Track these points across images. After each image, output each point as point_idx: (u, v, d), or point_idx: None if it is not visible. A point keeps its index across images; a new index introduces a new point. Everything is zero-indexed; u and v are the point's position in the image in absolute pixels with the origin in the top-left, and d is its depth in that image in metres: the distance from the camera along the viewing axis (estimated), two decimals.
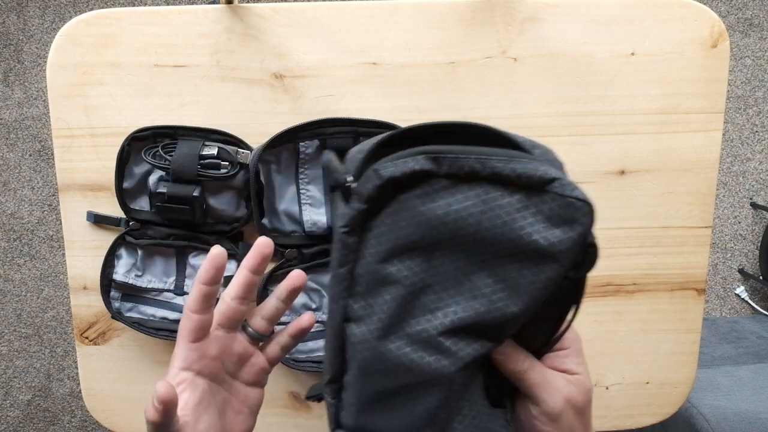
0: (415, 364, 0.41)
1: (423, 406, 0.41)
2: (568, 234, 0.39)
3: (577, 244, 0.39)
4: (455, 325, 0.40)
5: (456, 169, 0.39)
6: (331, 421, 0.45)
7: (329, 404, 0.45)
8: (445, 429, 0.42)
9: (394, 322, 0.41)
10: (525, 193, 0.39)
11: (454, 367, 0.40)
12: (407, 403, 0.42)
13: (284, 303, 0.45)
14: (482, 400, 0.43)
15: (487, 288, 0.40)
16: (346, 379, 0.43)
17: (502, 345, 0.42)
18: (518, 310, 0.39)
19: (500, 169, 0.39)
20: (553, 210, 0.39)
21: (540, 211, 0.39)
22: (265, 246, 0.42)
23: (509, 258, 0.39)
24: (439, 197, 0.40)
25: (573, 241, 0.39)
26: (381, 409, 0.43)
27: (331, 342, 0.43)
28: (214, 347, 0.43)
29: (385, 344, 0.41)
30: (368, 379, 0.42)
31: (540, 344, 0.44)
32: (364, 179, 0.40)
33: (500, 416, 0.43)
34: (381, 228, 0.40)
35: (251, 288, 0.43)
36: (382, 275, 0.41)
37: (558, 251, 0.39)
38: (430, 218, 0.40)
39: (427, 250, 0.40)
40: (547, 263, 0.39)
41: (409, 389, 0.41)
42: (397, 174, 0.39)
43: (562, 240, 0.39)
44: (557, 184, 0.39)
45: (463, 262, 0.40)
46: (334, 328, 0.43)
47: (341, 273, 0.42)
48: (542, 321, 0.43)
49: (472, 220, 0.39)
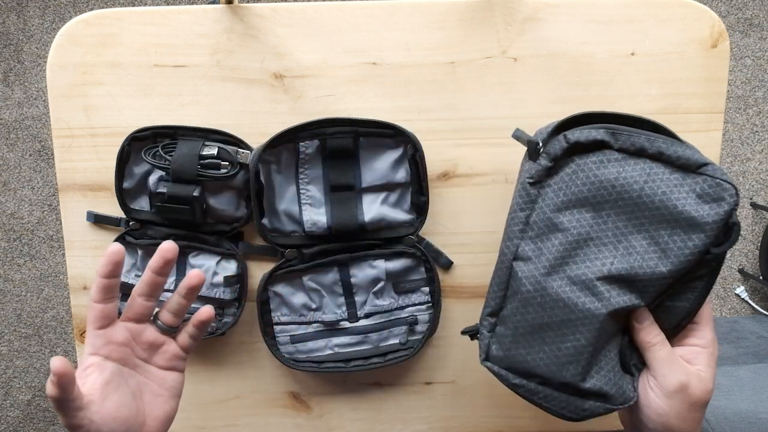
0: (572, 302, 0.48)
1: (571, 343, 0.49)
2: (716, 210, 0.47)
3: (723, 219, 0.47)
4: (611, 273, 0.48)
5: (628, 145, 0.49)
6: (482, 353, 0.52)
7: (483, 337, 0.52)
8: (586, 371, 0.49)
9: (558, 264, 0.49)
10: (682, 173, 0.48)
11: (605, 309, 0.48)
12: (557, 339, 0.49)
13: (185, 299, 0.49)
14: (617, 360, 0.51)
15: (642, 247, 0.48)
16: (504, 313, 0.51)
17: (642, 318, 0.49)
18: (666, 270, 0.47)
19: (664, 149, 0.48)
20: (704, 189, 0.47)
21: (693, 189, 0.47)
22: (167, 251, 0.47)
23: (663, 224, 0.48)
24: (611, 165, 0.49)
25: (720, 216, 0.47)
26: (532, 342, 0.49)
27: (497, 276, 0.52)
28: (121, 334, 0.47)
29: (549, 281, 0.49)
30: (527, 311, 0.50)
31: (675, 323, 0.50)
32: (553, 142, 0.50)
33: (629, 381, 0.51)
34: (560, 184, 0.50)
35: (156, 287, 0.48)
36: (554, 223, 0.50)
37: (706, 223, 0.47)
38: (602, 180, 0.49)
39: (596, 208, 0.49)
40: (695, 232, 0.47)
41: (561, 325, 0.49)
42: (582, 140, 0.49)
43: (710, 214, 0.47)
44: (710, 168, 0.47)
45: (624, 223, 0.49)
46: (503, 263, 0.52)
47: (519, 216, 0.51)
48: (682, 297, 0.49)
49: (637, 187, 0.48)
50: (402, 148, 0.63)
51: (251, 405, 0.71)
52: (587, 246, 0.49)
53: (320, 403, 0.72)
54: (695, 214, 0.47)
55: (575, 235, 0.49)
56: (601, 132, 0.49)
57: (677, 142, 0.48)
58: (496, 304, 0.52)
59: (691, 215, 0.47)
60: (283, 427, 0.72)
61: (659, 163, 0.48)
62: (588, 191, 0.49)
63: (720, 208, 0.47)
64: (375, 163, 0.63)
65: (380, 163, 0.63)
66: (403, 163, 0.63)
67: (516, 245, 0.51)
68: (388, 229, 0.65)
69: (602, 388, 0.49)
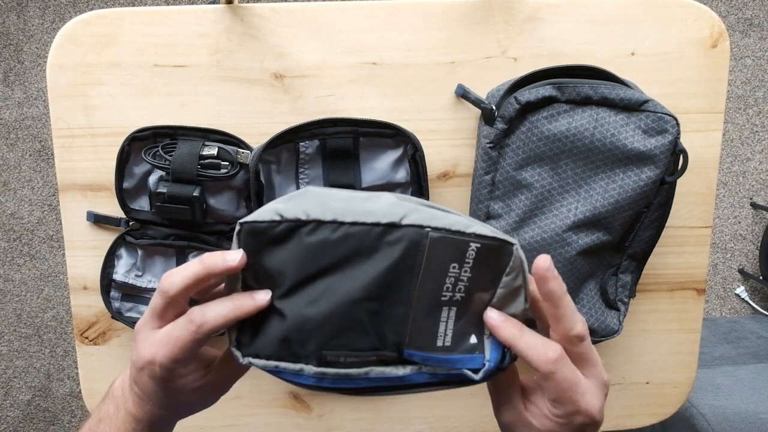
0: (545, 250, 0.52)
1: None
2: (661, 141, 0.51)
3: (669, 149, 0.52)
4: (577, 219, 0.52)
5: (574, 95, 0.53)
6: None
7: None
8: None
9: (527, 217, 0.54)
10: (627, 113, 0.52)
11: (574, 251, 0.53)
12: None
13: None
14: (598, 297, 0.56)
15: (601, 188, 0.52)
16: None
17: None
18: (626, 204, 0.52)
19: (607, 94, 0.52)
20: (648, 124, 0.52)
21: (639, 126, 0.52)
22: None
23: (617, 163, 0.52)
24: (561, 117, 0.53)
25: (665, 146, 0.51)
26: None
27: None
28: None
29: (521, 233, 0.54)
30: None
31: (645, 248, 0.56)
32: (506, 105, 0.54)
33: (614, 315, 0.56)
34: (517, 143, 0.54)
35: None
36: (517, 180, 0.54)
37: (655, 155, 0.51)
38: (555, 133, 0.53)
39: (553, 159, 0.53)
40: (646, 165, 0.52)
41: None
42: (532, 99, 0.53)
43: (657, 146, 0.51)
44: (650, 104, 0.52)
45: (581, 169, 0.53)
46: None
47: (485, 180, 0.56)
48: (649, 226, 0.56)
49: (588, 133, 0.52)
50: (402, 148, 0.63)
51: (251, 405, 0.71)
52: (552, 196, 0.54)
53: (320, 403, 0.72)
54: (643, 148, 0.51)
55: (539, 188, 0.53)
56: (548, 88, 0.53)
57: (619, 85, 0.52)
58: None
59: (640, 150, 0.51)
60: (283, 427, 0.72)
61: (605, 107, 0.53)
62: (544, 145, 0.53)
63: (665, 139, 0.51)
64: (375, 163, 0.63)
65: (380, 163, 0.63)
66: (403, 163, 0.63)
67: (487, 206, 0.56)
68: None
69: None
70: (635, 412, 0.73)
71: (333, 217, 0.34)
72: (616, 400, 0.73)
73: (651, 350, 0.72)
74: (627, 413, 0.73)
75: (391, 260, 0.33)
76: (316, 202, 0.34)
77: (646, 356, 0.72)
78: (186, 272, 0.35)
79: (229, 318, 0.35)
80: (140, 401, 0.39)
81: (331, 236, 0.34)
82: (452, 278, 0.34)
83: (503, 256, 0.34)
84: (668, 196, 0.54)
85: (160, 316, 0.36)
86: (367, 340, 0.34)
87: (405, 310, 0.34)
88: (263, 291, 0.35)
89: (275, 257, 0.34)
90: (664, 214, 0.55)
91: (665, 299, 0.70)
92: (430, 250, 0.33)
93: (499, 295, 0.35)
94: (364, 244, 0.34)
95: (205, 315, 0.35)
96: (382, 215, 0.33)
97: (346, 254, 0.34)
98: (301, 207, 0.34)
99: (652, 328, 0.71)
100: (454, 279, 0.34)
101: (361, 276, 0.34)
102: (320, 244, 0.34)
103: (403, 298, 0.34)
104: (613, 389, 0.73)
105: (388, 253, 0.33)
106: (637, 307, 0.70)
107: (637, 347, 0.71)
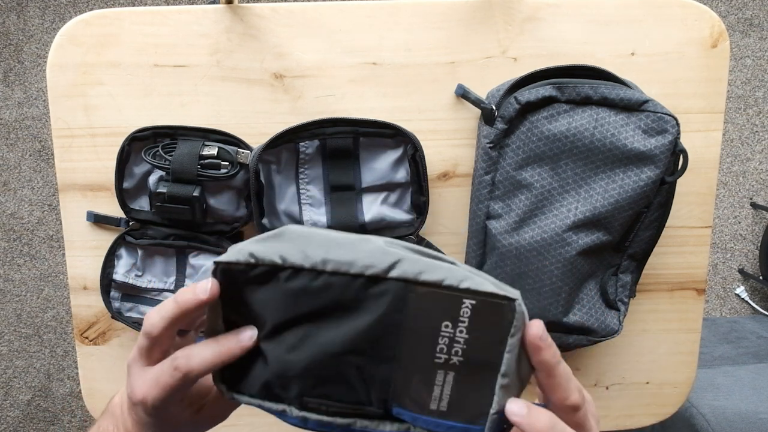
0: (545, 250, 0.52)
1: (548, 287, 0.52)
2: (661, 141, 0.51)
3: (669, 149, 0.52)
4: (577, 219, 0.52)
5: (574, 95, 0.53)
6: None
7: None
8: (566, 309, 0.53)
9: (527, 217, 0.53)
10: (627, 113, 0.52)
11: (574, 251, 0.52)
12: (536, 285, 0.53)
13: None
14: (598, 297, 0.55)
15: (601, 188, 0.52)
16: (485, 268, 0.55)
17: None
18: (626, 204, 0.52)
19: (607, 93, 0.52)
20: (648, 124, 0.52)
21: (639, 126, 0.52)
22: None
23: (617, 163, 0.52)
24: (562, 117, 0.53)
25: (666, 146, 0.51)
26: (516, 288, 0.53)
27: (474, 237, 0.56)
28: None
29: (521, 234, 0.53)
30: (506, 263, 0.53)
31: (646, 248, 0.56)
32: (506, 105, 0.54)
33: (614, 316, 0.56)
34: (517, 143, 0.54)
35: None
36: (517, 180, 0.54)
37: (655, 155, 0.51)
38: (555, 133, 0.53)
39: (553, 160, 0.53)
40: (646, 165, 0.52)
41: (537, 272, 0.53)
42: (532, 99, 0.53)
43: (657, 146, 0.51)
44: (650, 104, 0.52)
45: (581, 169, 0.53)
46: (478, 225, 0.56)
47: (485, 180, 0.56)
48: (649, 226, 0.55)
49: (588, 133, 0.52)
50: (402, 148, 0.63)
51: None
52: (552, 196, 0.53)
53: None
54: (643, 148, 0.51)
55: (539, 188, 0.53)
56: (548, 88, 0.53)
57: (619, 85, 0.52)
58: (476, 262, 0.55)
59: (640, 150, 0.51)
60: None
61: (605, 107, 0.52)
62: (544, 145, 0.53)
63: (665, 139, 0.51)
64: (375, 163, 0.63)
65: (380, 163, 0.63)
66: (403, 163, 0.63)
67: (487, 206, 0.56)
68: (388, 229, 0.65)
69: (584, 323, 0.53)
70: (635, 412, 0.73)
71: (311, 265, 0.31)
72: (616, 400, 0.73)
73: (651, 350, 0.72)
74: (627, 413, 0.73)
75: (375, 315, 0.31)
76: (294, 246, 0.32)
77: (646, 356, 0.72)
78: (163, 313, 0.35)
79: (215, 363, 0.34)
80: (138, 426, 0.39)
81: (311, 284, 0.31)
82: (446, 338, 0.30)
83: (505, 314, 0.30)
84: (668, 196, 0.55)
85: (148, 356, 0.36)
86: (352, 394, 0.32)
87: (392, 368, 0.31)
88: (248, 329, 0.34)
89: (255, 296, 0.33)
90: (664, 214, 0.55)
91: (665, 299, 0.70)
92: (417, 307, 0.31)
93: (506, 361, 0.30)
94: (346, 295, 0.31)
95: (191, 363, 0.34)
96: (365, 266, 0.31)
97: (327, 304, 0.31)
98: (276, 250, 0.32)
99: (652, 328, 0.71)
100: (448, 339, 0.31)
101: (343, 328, 0.31)
102: (300, 291, 0.32)
103: (390, 356, 0.31)
104: (613, 389, 0.73)
105: (372, 307, 0.31)
106: (637, 307, 0.70)
107: (637, 347, 0.71)
